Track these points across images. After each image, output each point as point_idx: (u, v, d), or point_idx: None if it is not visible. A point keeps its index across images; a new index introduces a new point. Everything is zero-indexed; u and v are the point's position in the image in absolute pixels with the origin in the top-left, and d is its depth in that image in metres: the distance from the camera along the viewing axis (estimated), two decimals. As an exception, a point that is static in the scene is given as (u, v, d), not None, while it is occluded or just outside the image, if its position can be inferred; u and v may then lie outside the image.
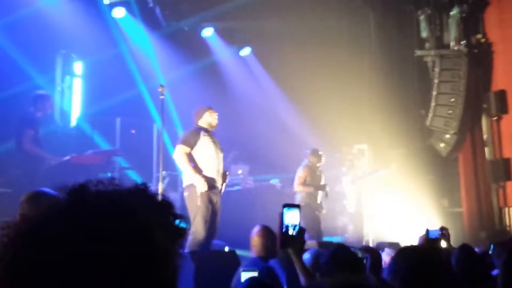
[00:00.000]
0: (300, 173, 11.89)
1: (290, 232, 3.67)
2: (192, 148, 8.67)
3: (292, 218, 3.68)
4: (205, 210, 8.42)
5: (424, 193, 14.68)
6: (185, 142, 8.73)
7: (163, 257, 1.10)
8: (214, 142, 8.89)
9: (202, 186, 8.41)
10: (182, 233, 1.19)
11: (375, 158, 15.12)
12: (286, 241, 3.71)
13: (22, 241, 1.05)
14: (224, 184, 9.08)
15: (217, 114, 9.06)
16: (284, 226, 3.66)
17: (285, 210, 3.66)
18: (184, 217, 1.21)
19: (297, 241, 3.78)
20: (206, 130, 8.90)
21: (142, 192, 1.18)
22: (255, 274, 3.73)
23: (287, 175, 12.44)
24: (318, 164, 12.02)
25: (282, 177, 13.74)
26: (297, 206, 3.79)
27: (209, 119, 8.95)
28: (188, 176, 8.68)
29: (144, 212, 1.11)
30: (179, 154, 8.67)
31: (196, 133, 8.81)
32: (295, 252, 3.96)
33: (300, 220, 3.73)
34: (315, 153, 12.07)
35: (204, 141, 8.76)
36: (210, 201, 8.54)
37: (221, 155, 8.95)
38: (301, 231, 3.76)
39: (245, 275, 3.68)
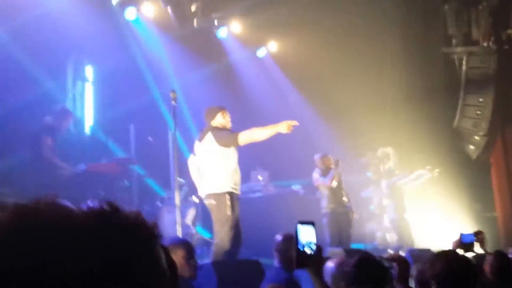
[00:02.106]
0: (315, 175, 12.03)
1: (307, 251, 3.63)
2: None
3: (307, 235, 3.63)
4: (234, 220, 8.35)
5: (455, 197, 14.66)
6: (237, 135, 8.45)
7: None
8: None
9: (284, 127, 8.30)
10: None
11: (401, 161, 15.08)
12: (303, 260, 3.66)
13: None
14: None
15: (229, 115, 8.85)
16: (300, 245, 3.61)
17: (299, 227, 3.60)
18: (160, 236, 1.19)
19: (315, 260, 3.73)
20: None
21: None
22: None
23: (309, 181, 12.48)
24: (329, 169, 11.98)
25: (304, 183, 13.75)
26: (312, 222, 3.70)
27: (222, 121, 8.73)
28: (216, 183, 8.46)
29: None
30: (243, 139, 8.40)
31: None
32: (314, 271, 3.89)
33: (316, 237, 3.68)
34: (323, 157, 12.12)
35: None
36: (236, 209, 8.48)
37: (236, 158, 8.69)
38: (319, 249, 3.71)
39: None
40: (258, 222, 10.79)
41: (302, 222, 3.63)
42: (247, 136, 8.46)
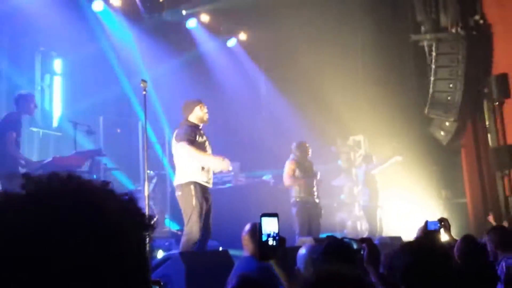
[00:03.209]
0: (287, 167, 11.74)
1: (270, 242, 3.64)
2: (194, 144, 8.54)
3: (270, 226, 3.64)
4: (200, 210, 8.37)
5: (426, 184, 14.72)
6: (189, 140, 8.46)
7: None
8: (204, 138, 8.84)
9: (227, 165, 8.54)
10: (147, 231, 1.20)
11: (372, 149, 15.11)
12: (266, 252, 3.69)
13: None
14: None
15: (207, 107, 8.91)
16: (263, 235, 3.63)
17: (263, 219, 3.62)
18: (151, 216, 1.25)
19: (277, 251, 3.76)
20: (196, 126, 8.81)
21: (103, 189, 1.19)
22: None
23: (280, 171, 12.39)
24: (306, 157, 11.83)
25: (275, 173, 13.68)
26: (275, 214, 3.70)
27: (200, 113, 8.80)
28: (182, 174, 8.55)
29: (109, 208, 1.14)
30: (189, 152, 8.44)
31: (194, 128, 8.68)
32: (277, 263, 3.99)
33: (279, 228, 3.73)
34: (300, 146, 11.83)
35: (197, 138, 8.69)
36: (206, 200, 8.56)
37: (210, 151, 8.88)
38: (281, 240, 3.75)
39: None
40: (228, 213, 10.77)
41: (266, 214, 3.63)
42: (194, 154, 8.49)
